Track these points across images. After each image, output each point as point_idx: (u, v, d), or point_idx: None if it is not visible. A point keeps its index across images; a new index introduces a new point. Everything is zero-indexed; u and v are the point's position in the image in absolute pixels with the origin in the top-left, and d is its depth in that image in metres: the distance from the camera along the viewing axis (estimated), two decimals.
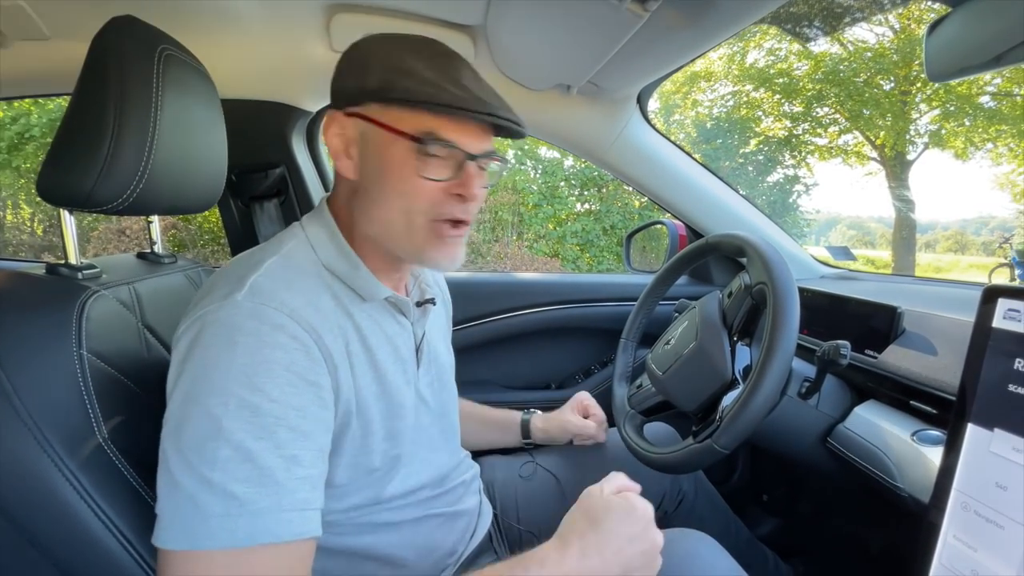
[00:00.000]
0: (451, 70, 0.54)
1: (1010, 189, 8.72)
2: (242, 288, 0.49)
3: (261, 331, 0.47)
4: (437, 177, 0.54)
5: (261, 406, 0.45)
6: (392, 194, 0.55)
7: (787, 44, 8.30)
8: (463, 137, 0.54)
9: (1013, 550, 0.45)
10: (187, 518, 0.42)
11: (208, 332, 0.47)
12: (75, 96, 0.57)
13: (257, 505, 0.43)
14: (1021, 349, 0.48)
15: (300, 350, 0.49)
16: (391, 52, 0.55)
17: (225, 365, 0.45)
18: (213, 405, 0.44)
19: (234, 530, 0.42)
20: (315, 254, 0.58)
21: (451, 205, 0.56)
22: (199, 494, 0.42)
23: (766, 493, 1.30)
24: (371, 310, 0.60)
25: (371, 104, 0.54)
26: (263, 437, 0.44)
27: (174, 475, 0.43)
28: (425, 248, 0.57)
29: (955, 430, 0.52)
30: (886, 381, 0.80)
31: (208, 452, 0.43)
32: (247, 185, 1.19)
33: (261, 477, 0.44)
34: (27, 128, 5.98)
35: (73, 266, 0.61)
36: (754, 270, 0.77)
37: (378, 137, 0.54)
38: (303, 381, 0.48)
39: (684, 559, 0.61)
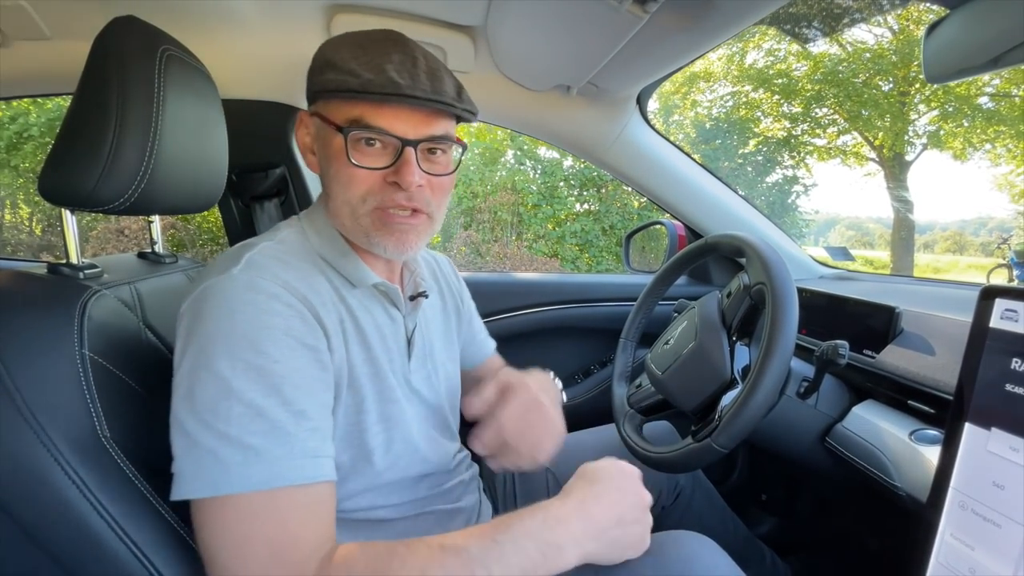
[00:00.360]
0: (377, 57, 0.54)
1: (1008, 190, 8.74)
2: (238, 264, 0.52)
3: (257, 300, 0.50)
4: (368, 165, 0.55)
5: (265, 367, 0.48)
6: (334, 184, 0.57)
7: (786, 45, 8.32)
8: (398, 123, 0.54)
9: (1010, 548, 0.46)
10: (209, 469, 0.46)
11: (209, 304, 0.50)
12: (77, 96, 0.57)
13: (272, 454, 0.47)
14: (1018, 349, 0.49)
15: (296, 316, 0.52)
16: (333, 47, 0.57)
17: (227, 332, 0.48)
18: (221, 368, 0.47)
19: (253, 475, 0.46)
20: (309, 242, 0.61)
21: (391, 193, 0.56)
22: (219, 448, 0.46)
23: (765, 492, 1.31)
24: (362, 297, 0.62)
25: (319, 101, 0.57)
26: (271, 395, 0.48)
27: (192, 435, 0.46)
28: (371, 233, 0.58)
29: (952, 429, 0.52)
30: (884, 381, 0.80)
31: (222, 410, 0.46)
32: (247, 185, 1.19)
33: (273, 430, 0.47)
34: (26, 127, 5.97)
35: (75, 266, 0.61)
36: (753, 270, 0.77)
37: (323, 132, 0.57)
38: (300, 344, 0.51)
39: (684, 561, 0.61)
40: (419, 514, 0.66)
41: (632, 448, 0.85)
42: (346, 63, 0.54)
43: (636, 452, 0.83)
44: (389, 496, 0.63)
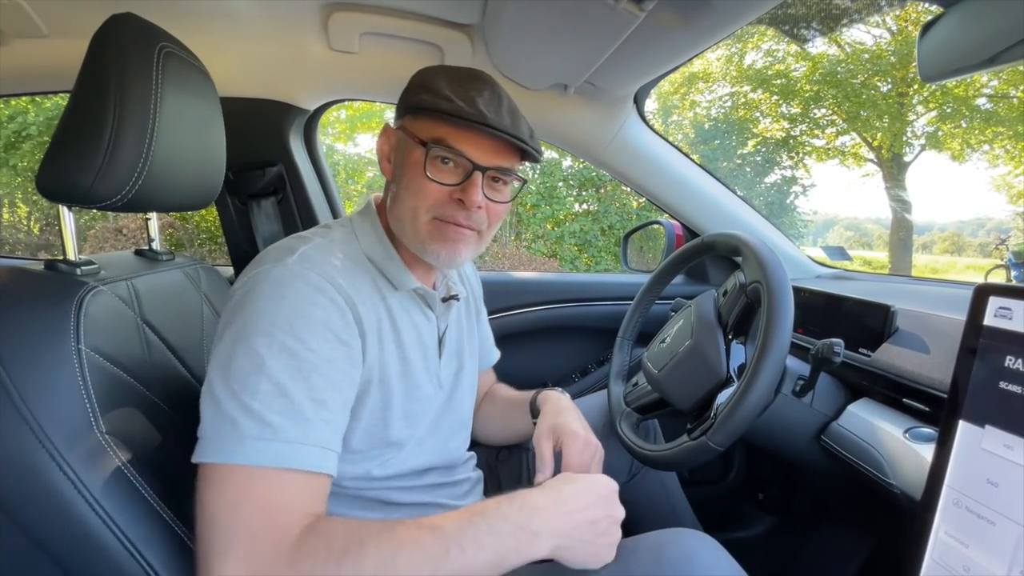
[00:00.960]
0: (470, 89, 0.61)
1: (1007, 191, 8.76)
2: (293, 255, 0.57)
3: (305, 291, 0.54)
4: (441, 180, 0.61)
5: (300, 352, 0.51)
6: (406, 191, 0.63)
7: (785, 45, 8.33)
8: (474, 150, 0.60)
9: (1004, 546, 0.46)
10: (226, 437, 0.48)
11: (261, 286, 0.54)
12: (75, 93, 0.57)
13: (287, 434, 0.49)
14: (1012, 347, 0.49)
15: (336, 311, 0.56)
16: (431, 74, 0.63)
17: (273, 313, 0.52)
18: (259, 345, 0.50)
19: (264, 451, 0.48)
20: (358, 242, 0.65)
21: (453, 208, 0.62)
22: (239, 417, 0.48)
23: (761, 491, 1.31)
24: (402, 299, 0.66)
25: (407, 117, 0.64)
26: (298, 379, 0.51)
27: (219, 400, 0.49)
28: (426, 241, 0.63)
29: (947, 427, 0.53)
30: (879, 379, 0.80)
31: (251, 384, 0.49)
32: (245, 183, 1.19)
33: (293, 411, 0.50)
34: (24, 126, 5.96)
35: (72, 262, 0.61)
36: (749, 269, 0.77)
37: (405, 143, 0.63)
38: (336, 339, 0.55)
39: (684, 560, 0.61)
40: (427, 503, 0.69)
41: (628, 446, 0.85)
42: (441, 89, 0.60)
43: (632, 450, 0.83)
44: (402, 480, 0.67)
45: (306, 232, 0.65)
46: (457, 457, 0.76)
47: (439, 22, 0.98)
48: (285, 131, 1.18)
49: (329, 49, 1.05)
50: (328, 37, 1.01)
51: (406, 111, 0.64)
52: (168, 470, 0.58)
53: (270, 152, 1.19)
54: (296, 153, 1.21)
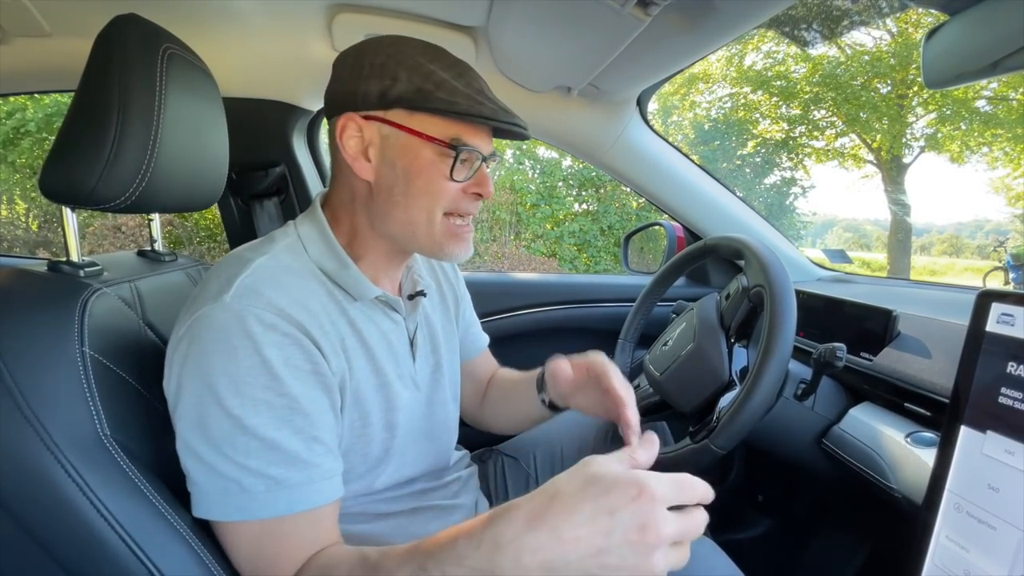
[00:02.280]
0: (473, 81, 0.59)
1: (1005, 193, 8.78)
2: (230, 289, 0.51)
3: (254, 333, 0.49)
4: (462, 179, 0.58)
5: (273, 401, 0.49)
6: (418, 195, 0.58)
7: (785, 47, 8.33)
8: (479, 141, 0.59)
9: (1005, 551, 0.46)
10: (234, 496, 0.49)
11: (206, 339, 0.49)
12: (78, 94, 0.57)
13: (292, 481, 0.49)
14: (1014, 353, 0.49)
15: (294, 345, 0.52)
16: (412, 58, 0.57)
17: (231, 370, 0.48)
18: (232, 407, 0.48)
19: (276, 502, 0.49)
20: (306, 253, 0.59)
21: (468, 202, 0.60)
22: (242, 478, 0.48)
23: (762, 493, 1.31)
24: (364, 307, 0.62)
25: (397, 110, 0.56)
26: (282, 427, 0.49)
27: (213, 465, 0.49)
28: (444, 243, 0.60)
29: (948, 432, 0.53)
30: (881, 383, 0.81)
31: (240, 445, 0.48)
32: (247, 183, 1.18)
33: (290, 460, 0.49)
34: (22, 123, 5.94)
35: (75, 263, 0.61)
36: (752, 273, 0.77)
37: (404, 141, 0.57)
38: (303, 372, 0.52)
39: None
40: (416, 508, 0.67)
41: None
42: (450, 82, 0.56)
43: None
44: (388, 492, 0.64)
45: (245, 250, 0.58)
46: (444, 461, 0.74)
47: (443, 24, 0.98)
48: (288, 132, 1.18)
49: (333, 50, 1.04)
50: (332, 38, 1.00)
51: (394, 103, 0.56)
52: (171, 472, 0.58)
53: (273, 153, 1.19)
54: (299, 154, 1.21)
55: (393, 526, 0.64)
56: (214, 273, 0.55)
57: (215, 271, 0.56)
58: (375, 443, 0.61)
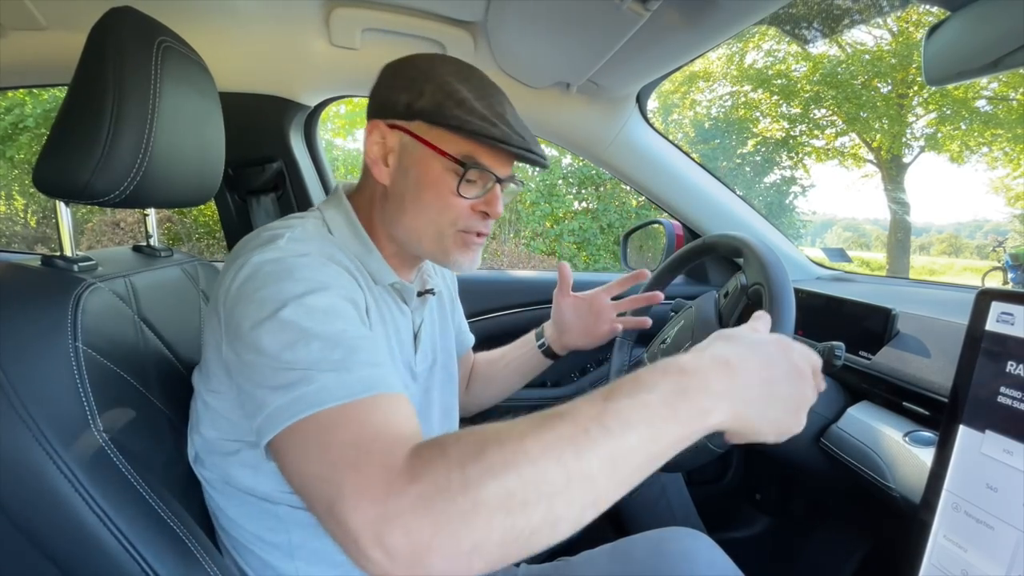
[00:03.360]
0: (496, 104, 0.60)
1: (1005, 193, 8.79)
2: (281, 239, 0.53)
3: (312, 264, 0.52)
4: (469, 196, 0.60)
5: (328, 308, 0.49)
6: (425, 206, 0.60)
7: (785, 45, 8.32)
8: (495, 163, 0.60)
9: (1003, 550, 0.46)
10: (305, 392, 0.44)
11: (263, 269, 0.50)
12: (72, 87, 0.56)
13: (361, 368, 0.46)
14: (1013, 352, 0.49)
15: (348, 281, 0.54)
16: (442, 76, 0.59)
17: (289, 284, 0.49)
18: (288, 315, 0.47)
19: (351, 385, 0.44)
20: (331, 235, 0.62)
21: (477, 221, 0.62)
22: (309, 373, 0.45)
23: (759, 492, 1.31)
24: (378, 293, 0.64)
25: (418, 122, 0.59)
26: (342, 328, 0.48)
27: (276, 374, 0.45)
28: (451, 252, 0.62)
29: (947, 431, 0.53)
30: (879, 382, 0.80)
31: (301, 348, 0.46)
32: (244, 179, 1.18)
33: (354, 351, 0.47)
34: (21, 118, 5.93)
35: (69, 258, 0.61)
36: (751, 271, 0.77)
37: (419, 152, 0.59)
38: (353, 304, 0.52)
39: (681, 558, 0.61)
40: None
41: None
42: (471, 104, 0.58)
43: None
44: None
45: (275, 223, 0.60)
46: None
47: (442, 19, 0.97)
48: (285, 127, 1.17)
49: (330, 45, 1.04)
50: (329, 33, 1.00)
51: (416, 115, 0.59)
52: (166, 468, 0.58)
53: (270, 148, 1.18)
54: (296, 149, 1.20)
55: None
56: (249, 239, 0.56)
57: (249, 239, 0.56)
58: None
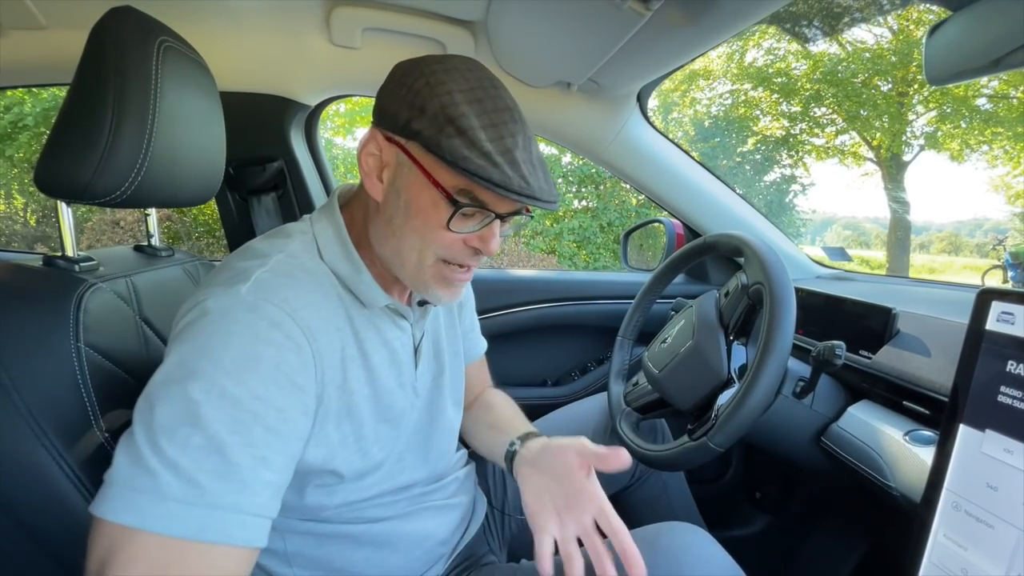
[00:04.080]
0: (506, 136, 0.52)
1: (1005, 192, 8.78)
2: (247, 280, 0.49)
3: (258, 326, 0.47)
4: (461, 231, 0.54)
5: (243, 400, 0.44)
6: (412, 233, 0.55)
7: (786, 44, 8.32)
8: (496, 200, 0.53)
9: (1003, 549, 0.46)
10: (143, 494, 0.41)
11: (206, 319, 0.46)
12: (73, 87, 0.56)
13: (218, 499, 0.42)
14: (1014, 352, 0.49)
15: (292, 350, 0.48)
16: (449, 94, 0.51)
17: (217, 354, 0.44)
18: (195, 391, 0.43)
19: (187, 519, 0.41)
20: (319, 255, 0.57)
21: (466, 255, 0.56)
22: (162, 474, 0.41)
23: (759, 491, 1.31)
24: (371, 315, 0.60)
25: (416, 143, 0.52)
26: (238, 431, 0.44)
27: (140, 450, 0.42)
28: (430, 284, 0.57)
29: (947, 431, 0.53)
30: (880, 381, 0.81)
31: (180, 436, 0.42)
32: (245, 179, 1.18)
33: (228, 472, 0.43)
34: (20, 117, 5.92)
35: (70, 258, 0.61)
36: (751, 270, 0.77)
37: (413, 176, 0.53)
38: (289, 383, 0.48)
39: (678, 552, 0.61)
40: (412, 511, 0.67)
41: (628, 446, 0.85)
42: (476, 135, 0.50)
43: (632, 450, 0.84)
44: (385, 498, 0.64)
45: (262, 243, 0.56)
46: (442, 465, 0.72)
47: (442, 18, 0.97)
48: (286, 126, 1.17)
49: (331, 44, 1.04)
50: (330, 32, 1.00)
51: (414, 136, 0.52)
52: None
53: (271, 147, 1.18)
54: (297, 149, 1.20)
55: (390, 526, 0.64)
56: (228, 264, 0.53)
57: (229, 262, 0.54)
58: (371, 454, 0.59)
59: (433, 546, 0.68)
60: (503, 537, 0.86)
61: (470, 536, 0.74)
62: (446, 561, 0.70)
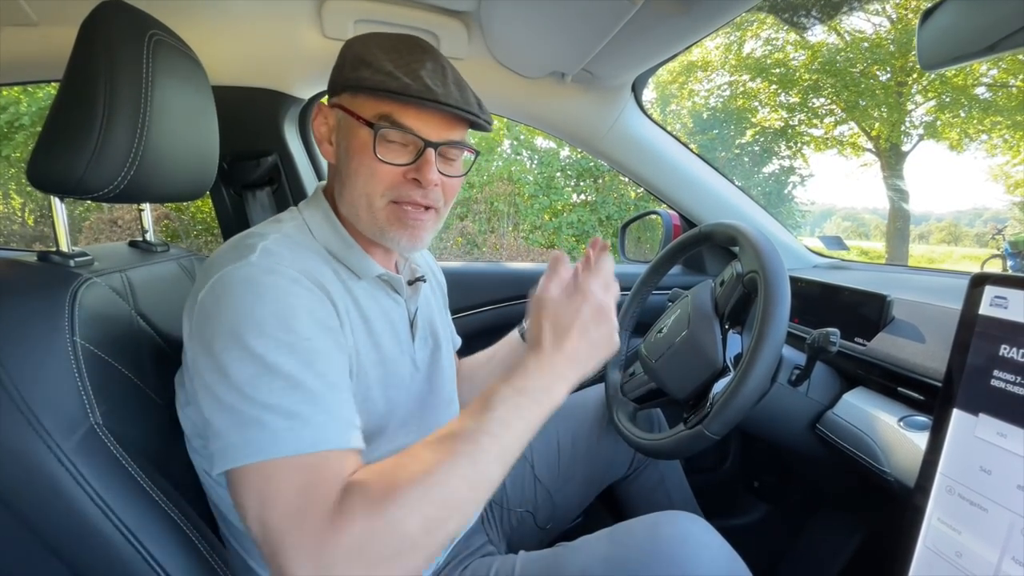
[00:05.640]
0: (412, 62, 0.58)
1: (1004, 181, 8.77)
2: (254, 252, 0.53)
3: (280, 283, 0.52)
4: (393, 161, 0.58)
5: (296, 343, 0.49)
6: (355, 176, 0.59)
7: (784, 34, 8.28)
8: (423, 126, 0.58)
9: (996, 532, 0.46)
10: (256, 436, 0.46)
11: (232, 289, 0.50)
12: (64, 82, 0.56)
13: (316, 419, 0.48)
14: (1007, 336, 0.49)
15: (317, 300, 0.54)
16: (365, 46, 0.59)
17: (258, 313, 0.49)
18: (256, 346, 0.48)
19: (301, 438, 0.47)
20: (312, 234, 0.62)
21: (409, 189, 0.60)
22: (264, 416, 0.47)
23: (756, 479, 1.32)
24: (367, 287, 0.64)
25: (344, 94, 0.59)
26: (306, 368, 0.49)
27: (234, 407, 0.47)
28: (385, 228, 0.61)
29: (941, 415, 0.53)
30: (875, 368, 0.81)
31: (263, 385, 0.47)
32: (239, 173, 1.18)
33: (314, 398, 0.49)
34: (16, 116, 5.91)
35: (65, 253, 0.61)
36: (746, 259, 0.77)
37: (347, 124, 0.59)
38: (323, 326, 0.53)
39: (676, 540, 0.62)
40: None
41: (624, 435, 0.85)
42: (381, 63, 0.57)
43: (629, 439, 0.84)
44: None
45: (256, 228, 0.61)
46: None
47: (434, 9, 0.97)
48: (279, 120, 1.17)
49: (323, 37, 1.03)
50: (322, 25, 0.99)
51: (343, 88, 0.59)
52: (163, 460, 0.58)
53: (265, 142, 1.17)
54: (291, 143, 1.20)
55: None
56: (225, 249, 0.56)
57: (226, 248, 0.56)
58: (373, 417, 0.62)
59: None
60: (502, 530, 0.86)
61: (468, 526, 0.75)
62: (445, 551, 0.71)
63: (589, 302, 0.58)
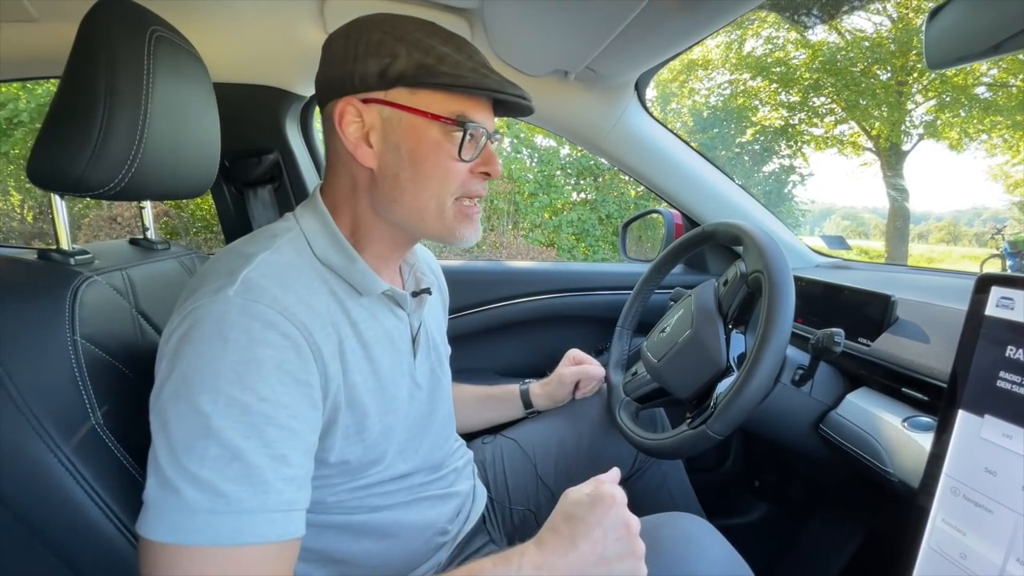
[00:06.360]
0: (475, 55, 0.56)
1: (1003, 180, 8.78)
2: (234, 283, 0.48)
3: (252, 329, 0.46)
4: (470, 158, 0.56)
5: (250, 405, 0.44)
6: (426, 179, 0.55)
7: (785, 32, 8.27)
8: (483, 117, 0.56)
9: (1001, 533, 0.46)
10: (173, 512, 0.42)
11: (199, 328, 0.46)
12: (64, 78, 0.56)
13: (244, 504, 0.43)
14: (1013, 337, 0.49)
15: (291, 348, 0.48)
16: (411, 33, 0.54)
17: (216, 363, 0.44)
18: (203, 403, 0.43)
19: (219, 527, 0.42)
20: (309, 247, 0.57)
21: (477, 183, 0.58)
22: (186, 490, 0.42)
23: (758, 479, 1.32)
24: (368, 304, 0.59)
25: (398, 89, 0.54)
26: (251, 436, 0.44)
27: (163, 469, 0.43)
28: (454, 227, 0.58)
29: (946, 416, 0.53)
30: (878, 368, 0.81)
31: (197, 449, 0.43)
32: (240, 171, 1.17)
33: (249, 476, 0.44)
34: (15, 113, 5.90)
35: (65, 251, 0.60)
36: (750, 258, 0.77)
37: (408, 122, 0.54)
38: (293, 379, 0.48)
39: (680, 542, 0.62)
40: (413, 500, 0.67)
41: (627, 435, 0.85)
42: (452, 55, 0.53)
43: (631, 439, 0.84)
44: (385, 487, 0.64)
45: (245, 245, 0.55)
46: (442, 456, 0.73)
47: (437, 7, 0.96)
48: (281, 118, 1.16)
49: (325, 34, 1.02)
50: (324, 22, 0.99)
51: (396, 82, 0.53)
52: None
53: (266, 139, 1.17)
54: (292, 140, 1.19)
55: (391, 515, 0.64)
56: (212, 267, 0.52)
57: (213, 265, 0.52)
58: (372, 445, 0.59)
59: (433, 536, 0.68)
60: (504, 529, 0.86)
61: (470, 525, 0.75)
62: (448, 551, 0.70)
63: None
